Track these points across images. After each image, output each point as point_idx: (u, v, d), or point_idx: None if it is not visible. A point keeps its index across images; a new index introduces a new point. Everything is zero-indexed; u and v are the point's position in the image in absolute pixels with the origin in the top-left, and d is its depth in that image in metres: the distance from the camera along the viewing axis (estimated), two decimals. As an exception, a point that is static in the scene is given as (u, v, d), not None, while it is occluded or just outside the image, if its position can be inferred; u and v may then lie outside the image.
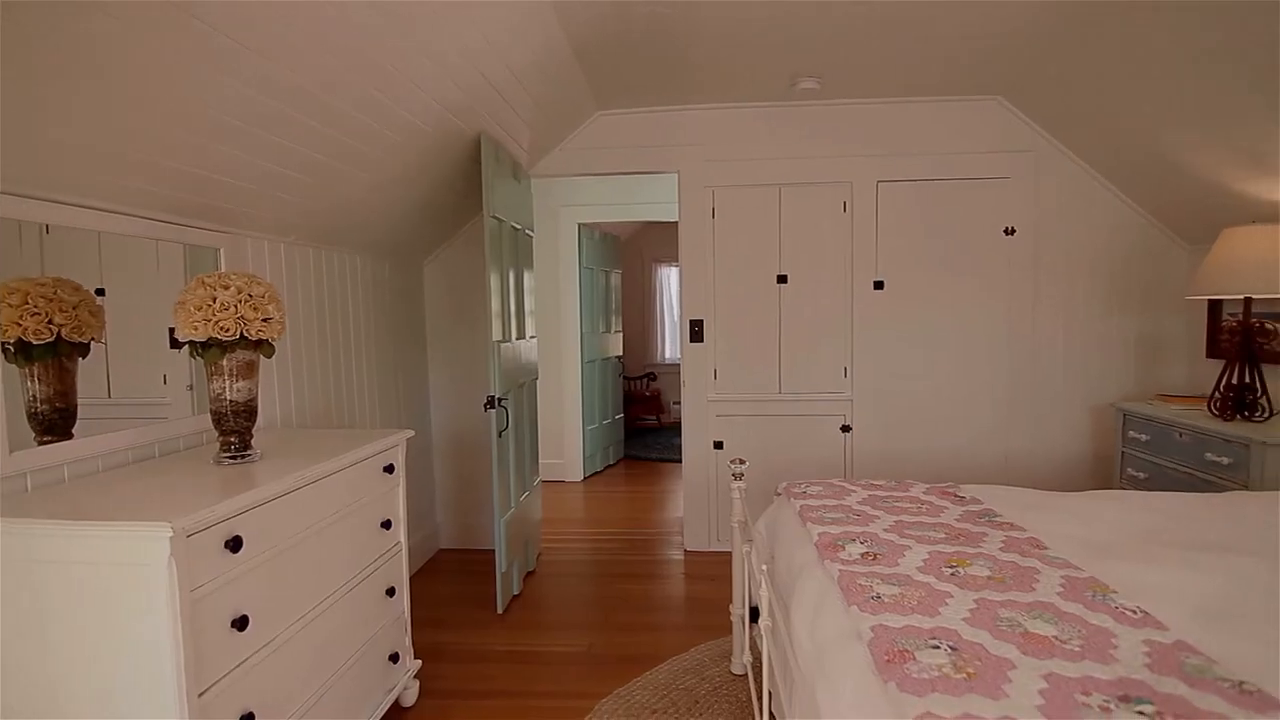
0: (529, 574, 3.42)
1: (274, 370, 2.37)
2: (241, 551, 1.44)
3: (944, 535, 1.74)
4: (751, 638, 2.29)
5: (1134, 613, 1.28)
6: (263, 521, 1.53)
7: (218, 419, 1.70)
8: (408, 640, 2.30)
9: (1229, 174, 2.81)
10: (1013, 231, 3.50)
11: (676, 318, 3.76)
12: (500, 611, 2.97)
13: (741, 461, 2.36)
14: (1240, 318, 2.81)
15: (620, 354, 6.12)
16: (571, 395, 5.26)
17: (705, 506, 3.71)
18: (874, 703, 1.07)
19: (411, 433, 2.28)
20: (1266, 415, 2.65)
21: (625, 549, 3.80)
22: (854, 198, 3.53)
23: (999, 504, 2.06)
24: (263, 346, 1.71)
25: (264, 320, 1.66)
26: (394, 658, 2.19)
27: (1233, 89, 2.41)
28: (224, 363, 1.67)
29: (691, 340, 3.65)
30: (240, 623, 1.44)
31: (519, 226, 3.28)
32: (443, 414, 3.75)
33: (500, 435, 2.93)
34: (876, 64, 2.99)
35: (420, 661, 2.39)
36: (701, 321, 3.63)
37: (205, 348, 1.64)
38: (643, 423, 7.43)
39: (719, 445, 3.68)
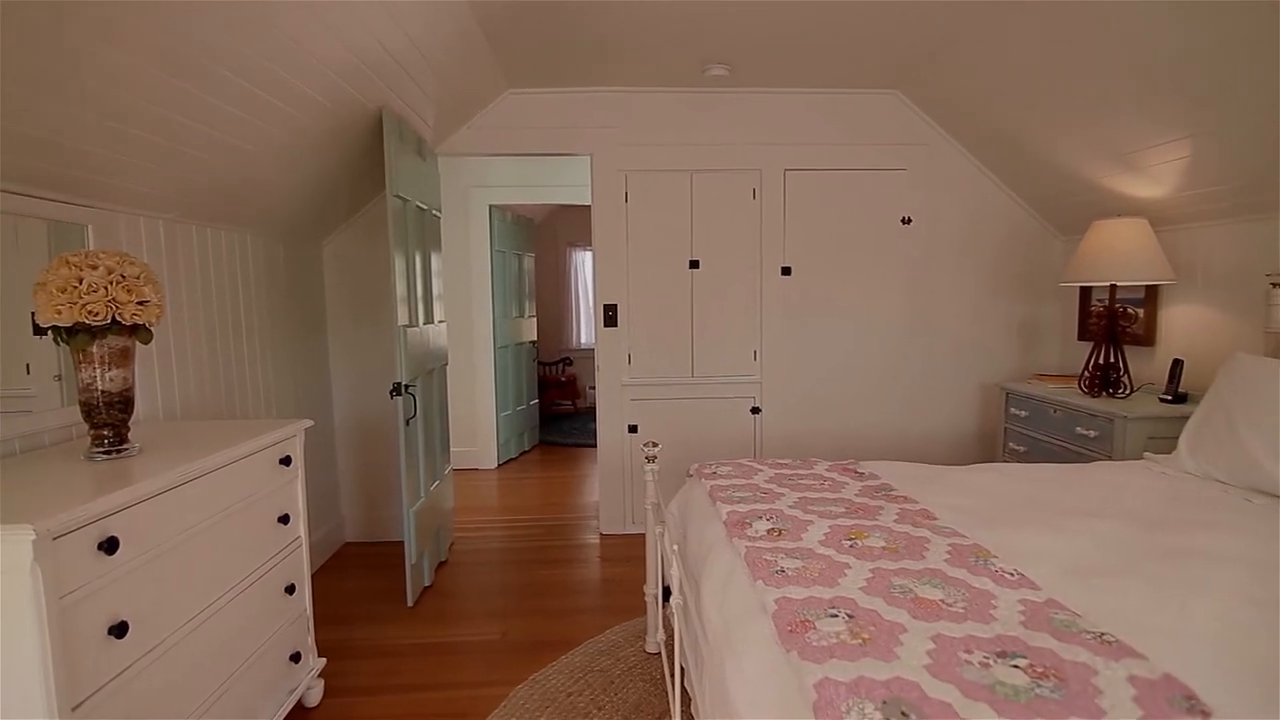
0: (441, 564, 3.35)
1: (154, 358, 2.20)
2: (118, 553, 1.34)
3: (844, 510, 1.83)
4: (665, 616, 2.34)
5: (1011, 575, 1.39)
6: (142, 520, 1.42)
7: (88, 411, 1.56)
8: (310, 639, 2.21)
9: (1098, 171, 3.05)
10: (909, 221, 3.68)
11: (591, 302, 3.75)
12: (411, 604, 2.90)
13: (655, 444, 2.39)
14: (1106, 303, 3.07)
15: (534, 339, 6.04)
16: (484, 381, 5.16)
17: (620, 490, 3.74)
18: (777, 671, 1.12)
19: (310, 423, 2.17)
20: (1128, 392, 2.92)
21: (541, 535, 3.78)
22: (763, 185, 3.61)
23: (895, 479, 2.18)
24: (139, 332, 1.58)
25: (139, 303, 1.53)
26: (295, 657, 2.10)
27: (1101, 92, 2.62)
28: (94, 350, 1.53)
29: (606, 325, 3.65)
30: (119, 629, 1.34)
31: (425, 207, 3.17)
32: (346, 402, 3.60)
33: (408, 423, 2.84)
34: (782, 55, 3.06)
35: (325, 660, 2.30)
36: (615, 306, 3.64)
37: (71, 334, 1.50)
38: (558, 408, 7.39)
39: (634, 429, 3.70)
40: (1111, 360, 2.93)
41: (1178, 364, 2.79)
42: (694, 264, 3.65)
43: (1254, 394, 2.08)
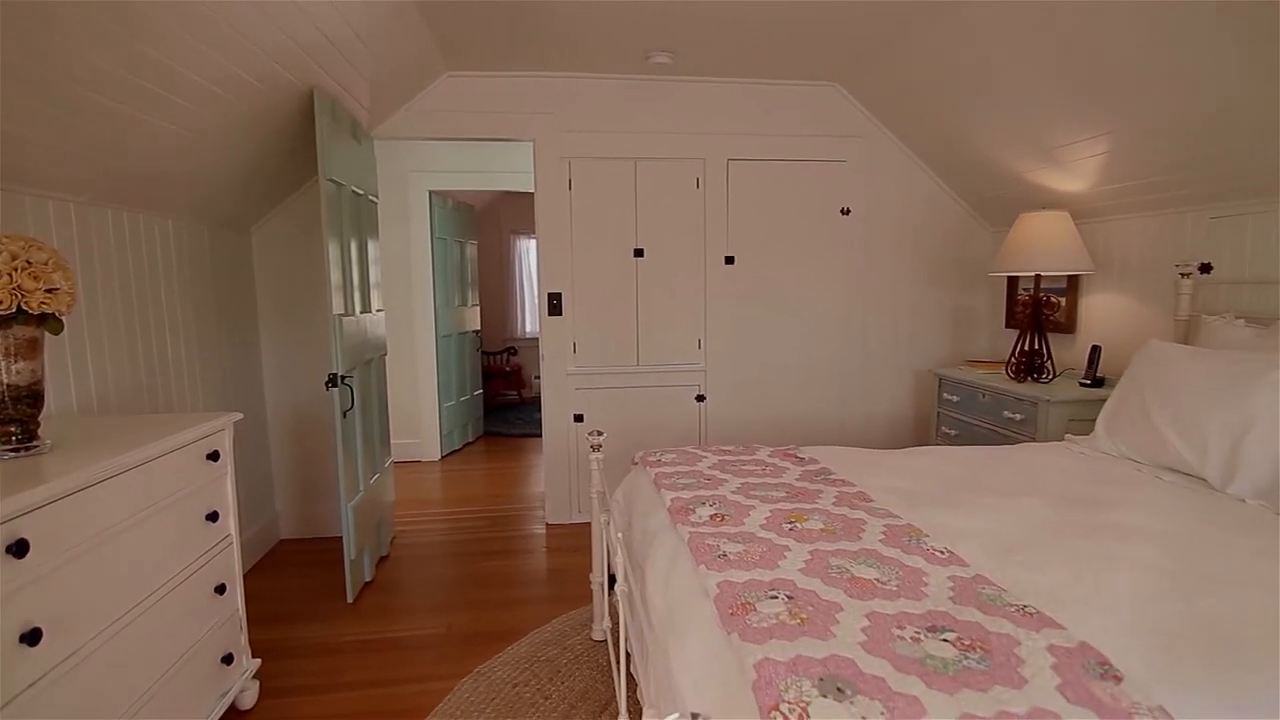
0: (382, 559, 3.28)
1: (67, 350, 2.07)
2: (28, 557, 1.26)
3: (785, 494, 1.87)
4: (611, 604, 2.35)
5: (942, 553, 1.45)
6: (54, 521, 1.34)
7: (-9, 406, 1.46)
8: (243, 639, 2.13)
9: (1025, 165, 3.18)
10: (848, 212, 3.77)
11: (536, 291, 3.71)
12: (351, 600, 2.83)
13: (600, 433, 2.39)
14: (1031, 292, 3.21)
15: (478, 328, 5.95)
16: (426, 371, 5.05)
17: (566, 479, 3.72)
18: (719, 654, 1.14)
19: (239, 415, 2.09)
20: (1051, 377, 3.06)
21: (485, 526, 3.74)
22: (706, 174, 3.63)
23: (834, 463, 2.24)
24: (48, 322, 1.49)
25: (48, 291, 1.44)
26: (228, 659, 2.02)
27: (1027, 90, 2.72)
28: (-3, 341, 1.43)
29: (550, 314, 3.62)
30: (31, 637, 1.26)
31: (361, 191, 3.07)
32: (280, 394, 3.47)
33: (345, 415, 2.76)
34: (725, 44, 3.08)
35: (259, 660, 2.23)
36: (560, 295, 3.61)
37: (-30, 323, 1.40)
38: (503, 398, 7.31)
39: (579, 418, 3.69)
40: (1036, 347, 3.07)
41: (1096, 350, 2.94)
42: (639, 252, 3.65)
43: (1164, 378, 2.22)
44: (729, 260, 3.71)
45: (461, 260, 5.58)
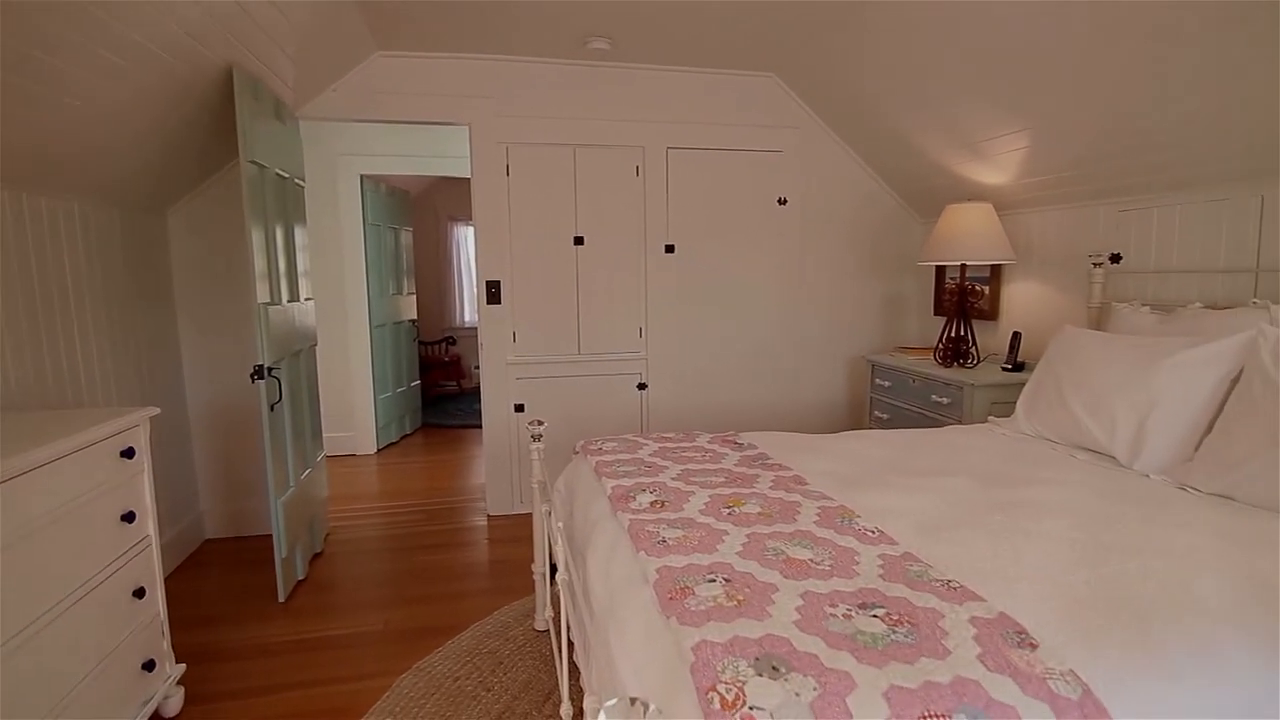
0: (316, 556, 3.18)
1: (-41, 341, 1.92)
2: (-85, 565, 1.16)
3: (723, 479, 1.90)
4: (553, 593, 2.34)
5: (873, 533, 1.50)
6: (-54, 526, 1.24)
7: None
8: (166, 644, 2.04)
9: (952, 158, 3.30)
10: (785, 202, 3.83)
11: (475, 279, 3.64)
12: (283, 600, 2.74)
13: (540, 423, 2.37)
14: (958, 281, 3.34)
15: (414, 317, 5.80)
16: (360, 362, 4.90)
17: (507, 470, 3.69)
18: (658, 638, 1.15)
19: (156, 410, 1.98)
20: (976, 362, 3.20)
21: (424, 520, 3.67)
22: (646, 162, 3.63)
23: (771, 448, 2.28)
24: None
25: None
26: (149, 665, 1.93)
27: (953, 85, 2.82)
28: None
29: (489, 302, 3.56)
30: (-80, 652, 1.17)
31: (286, 174, 2.94)
32: (202, 387, 3.31)
33: (273, 408, 2.65)
34: (662, 31, 3.07)
35: (184, 666, 2.13)
36: (499, 283, 3.55)
37: None
38: (442, 389, 7.16)
39: (520, 408, 3.66)
40: (962, 333, 3.19)
41: (1017, 336, 3.09)
42: (579, 240, 3.62)
43: (1077, 362, 2.34)
44: (669, 249, 3.72)
45: (396, 247, 5.42)
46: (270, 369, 2.60)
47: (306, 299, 3.21)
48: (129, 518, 1.85)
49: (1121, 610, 1.19)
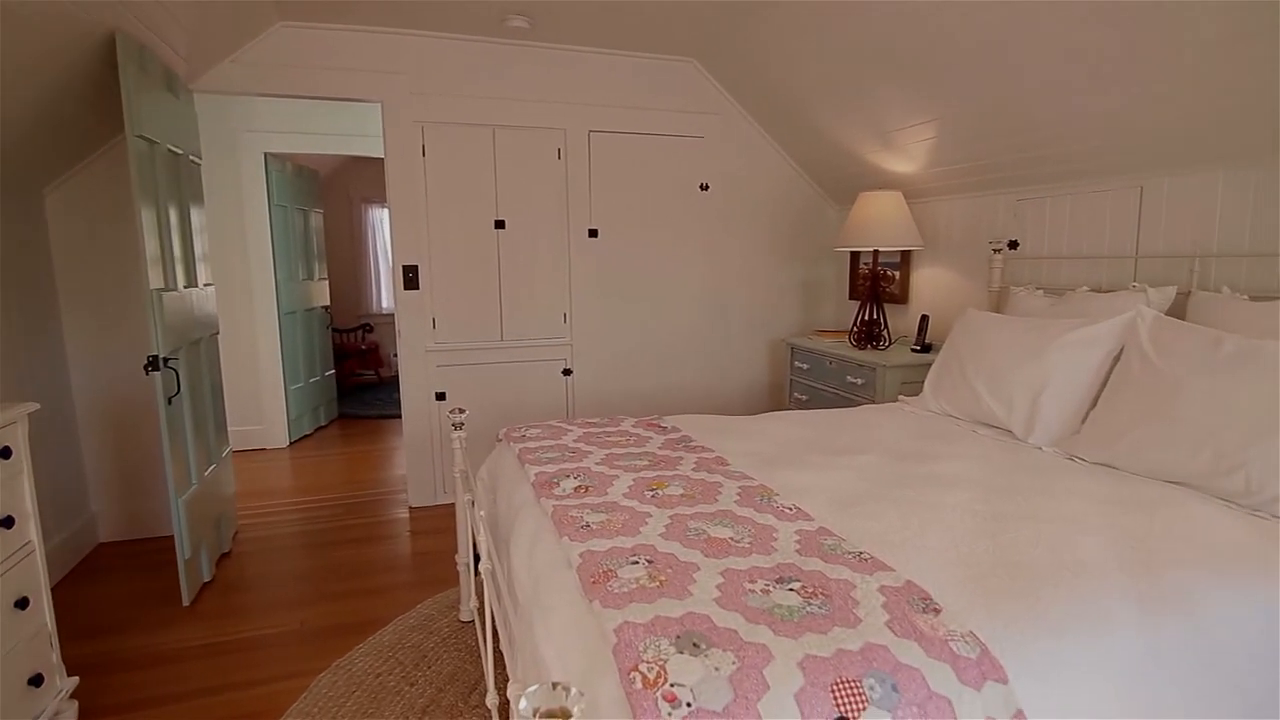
0: (224, 556, 3.02)
1: None
2: None
3: (647, 463, 1.91)
4: (478, 584, 2.31)
5: (790, 509, 1.55)
6: None
7: None
8: (56, 656, 1.89)
9: (865, 147, 3.41)
10: (707, 187, 3.87)
11: (391, 264, 3.51)
12: (188, 603, 2.59)
13: (461, 411, 2.32)
14: (871, 266, 3.47)
15: (327, 304, 5.56)
16: (268, 351, 4.66)
17: (429, 460, 3.60)
18: (582, 622, 1.15)
19: (35, 406, 1.82)
20: (888, 344, 3.34)
21: (342, 514, 3.54)
22: (568, 145, 3.59)
23: (694, 430, 2.32)
24: None
25: None
26: (36, 680, 1.79)
27: (866, 76, 2.91)
28: None
29: (406, 288, 3.45)
30: None
31: (180, 151, 2.75)
32: (90, 380, 3.07)
33: (170, 402, 2.49)
34: (581, 11, 3.03)
35: (77, 679, 1.99)
36: (416, 267, 3.44)
37: None
38: (359, 378, 6.92)
39: (441, 396, 3.57)
40: (874, 317, 3.32)
41: (925, 319, 3.24)
42: (499, 224, 3.55)
43: (978, 343, 2.48)
44: (593, 233, 3.70)
45: (305, 230, 5.16)
46: (166, 359, 2.44)
47: (206, 284, 3.02)
48: (7, 523, 1.70)
49: (1016, 574, 1.28)
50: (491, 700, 1.57)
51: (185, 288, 2.72)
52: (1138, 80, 2.09)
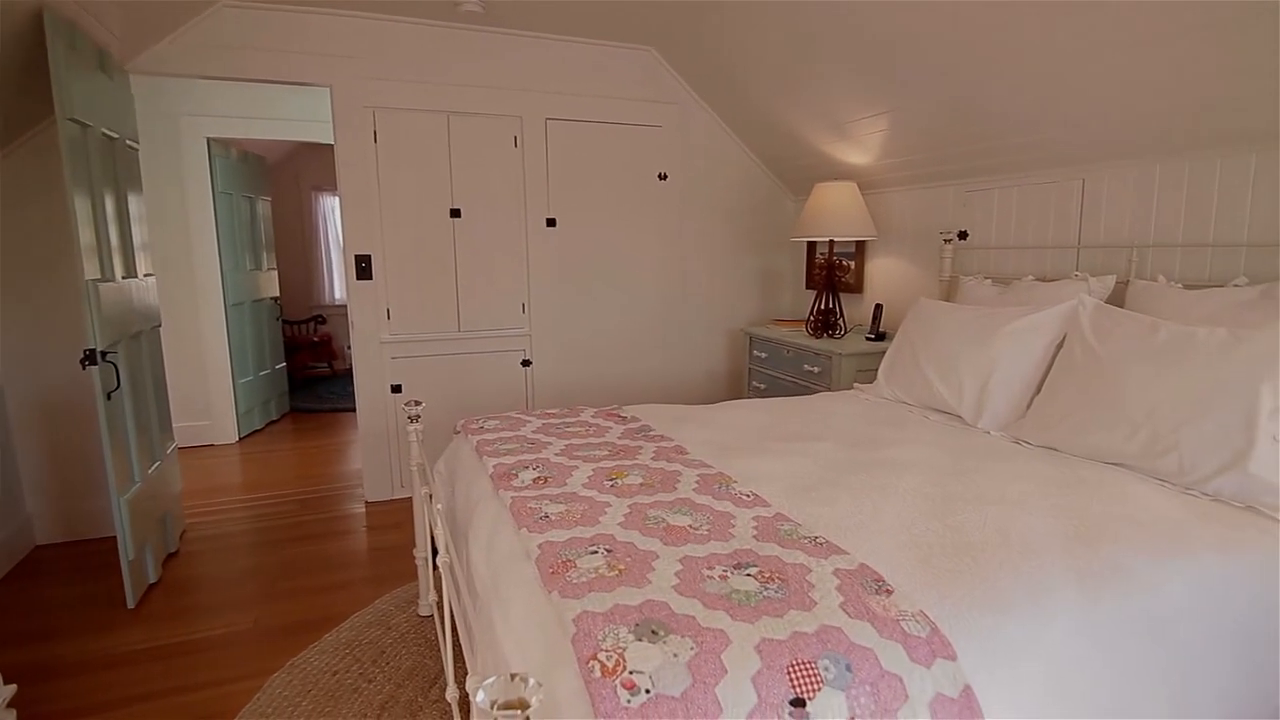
0: (170, 556, 2.92)
1: None
2: None
3: (607, 452, 1.91)
4: (437, 577, 2.28)
5: (748, 496, 1.57)
6: None
7: None
8: (-12, 664, 1.81)
9: (820, 138, 3.45)
10: (665, 177, 3.87)
11: (344, 253, 3.42)
12: (133, 606, 2.50)
13: (417, 403, 2.28)
14: (826, 256, 3.52)
15: (277, 295, 5.40)
16: (215, 344, 4.51)
17: (385, 454, 3.54)
18: (540, 613, 1.15)
19: (-39, 403, 1.73)
20: (844, 333, 3.40)
21: (296, 510, 3.46)
22: (524, 133, 3.54)
23: (654, 420, 2.33)
24: None
25: None
26: (-35, 690, 1.71)
27: (822, 66, 2.93)
28: None
29: (359, 278, 3.37)
30: None
31: (115, 135, 2.63)
32: (22, 376, 2.93)
33: (110, 397, 2.39)
34: (540, -3, 2.99)
35: (14, 687, 1.89)
36: (369, 257, 3.36)
37: None
38: (312, 371, 6.75)
39: (397, 389, 3.51)
40: (830, 306, 3.38)
41: (879, 308, 3.30)
42: (455, 213, 3.49)
43: (930, 331, 2.54)
44: (551, 223, 3.67)
45: (252, 219, 4.99)
46: (105, 353, 2.34)
47: (146, 275, 2.90)
48: (-70, 527, 1.61)
49: (965, 555, 1.32)
50: (451, 694, 1.56)
51: (124, 278, 2.61)
52: (1080, 76, 2.16)
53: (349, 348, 5.19)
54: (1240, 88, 1.87)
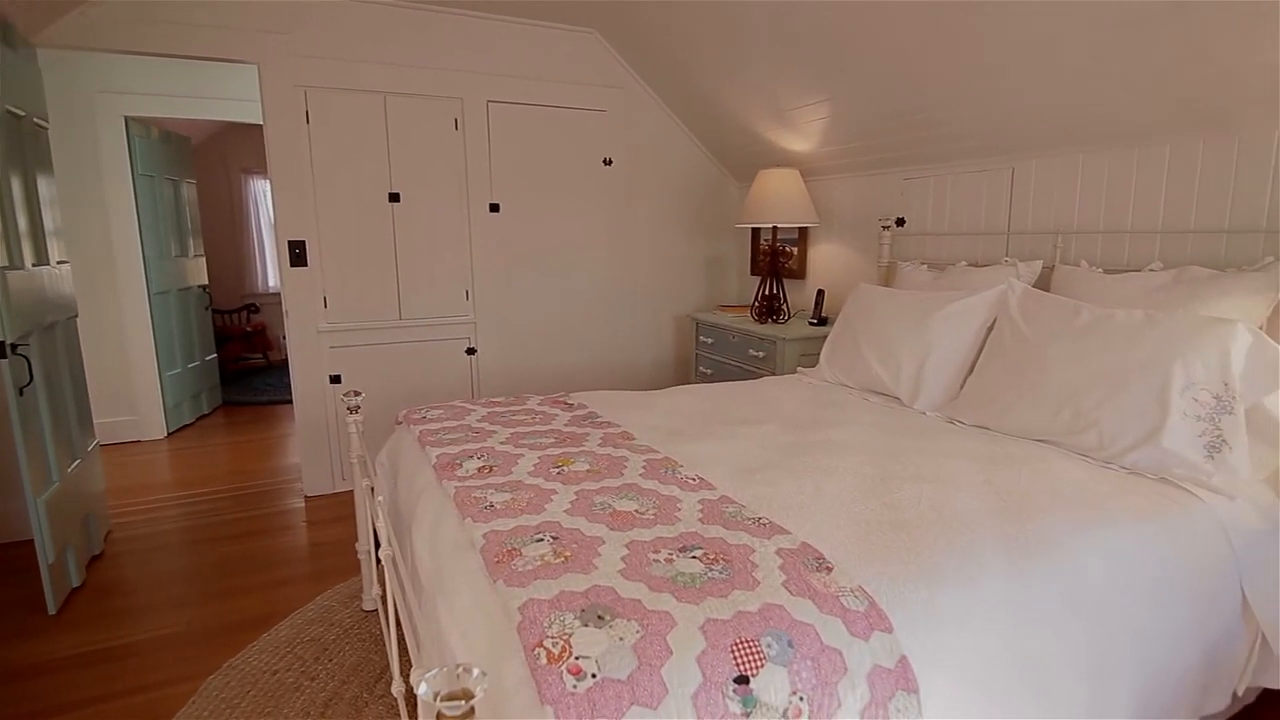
0: (95, 558, 2.78)
1: None
2: None
3: (553, 440, 1.90)
4: (380, 571, 2.23)
5: (693, 480, 1.58)
6: None
7: None
8: (-112, 680, 1.69)
9: (763, 125, 3.48)
10: (610, 162, 3.84)
11: (276, 239, 3.28)
12: (54, 611, 2.37)
13: (357, 394, 2.22)
14: (770, 242, 3.56)
15: (205, 283, 5.16)
16: (138, 335, 4.29)
17: (325, 446, 3.44)
18: (485, 603, 1.14)
19: None
20: (787, 318, 3.45)
21: (230, 507, 3.33)
22: (465, 115, 3.46)
23: (601, 406, 2.32)
24: None
25: None
26: None
27: (762, 53, 2.95)
28: None
29: (293, 265, 3.24)
30: None
31: (21, 112, 2.45)
32: (-79, 372, 2.72)
33: (21, 393, 2.25)
34: (479, -24, 2.91)
35: (-82, 702, 1.79)
36: (303, 243, 3.24)
37: None
38: (246, 362, 6.50)
39: (336, 379, 3.40)
40: (774, 292, 3.43)
41: (821, 293, 3.37)
42: (394, 197, 3.39)
43: (869, 315, 2.61)
44: (494, 208, 3.60)
45: (177, 202, 4.75)
46: (15, 345, 2.20)
47: (60, 262, 2.73)
48: None
49: (901, 531, 1.36)
50: (397, 688, 1.53)
51: (35, 266, 2.45)
52: (1009, 68, 2.23)
53: (284, 337, 5.02)
54: (1152, 84, 1.97)
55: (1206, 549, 1.48)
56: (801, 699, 0.99)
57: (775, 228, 3.48)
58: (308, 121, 3.17)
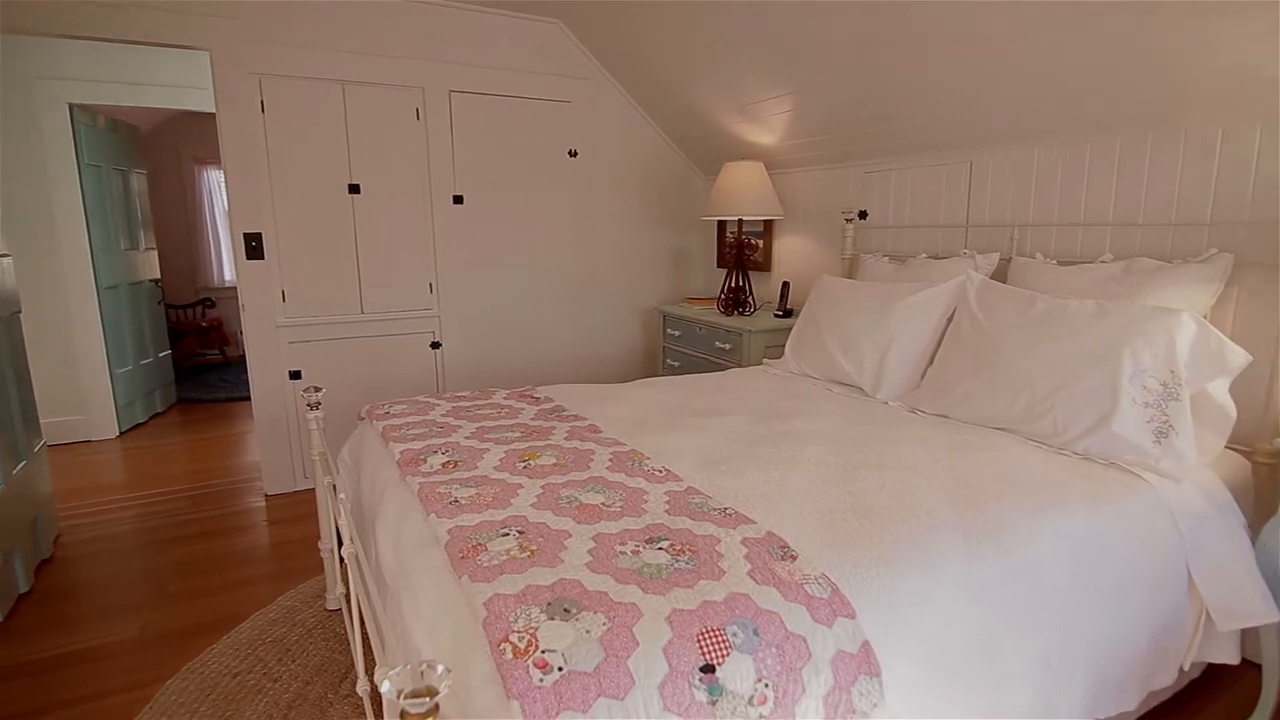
0: (44, 563, 2.68)
1: None
2: None
3: (519, 434, 1.89)
4: (343, 569, 2.19)
5: (660, 472, 1.59)
6: None
7: None
8: None
9: (727, 118, 3.49)
10: (575, 154, 3.82)
11: (231, 231, 3.19)
12: (1, 619, 2.28)
13: (317, 389, 2.18)
14: (736, 235, 3.58)
15: (157, 277, 4.99)
16: (86, 331, 4.13)
17: (285, 444, 3.36)
18: (450, 599, 1.13)
19: None
20: (753, 310, 3.48)
21: (187, 507, 3.24)
22: (427, 105, 3.40)
23: (568, 400, 2.31)
24: None
25: None
26: None
27: (725, 46, 2.96)
28: None
29: (249, 257, 3.16)
30: None
31: (-45, 100, 2.34)
32: None
33: (-39, 391, 2.15)
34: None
35: None
36: (260, 235, 3.16)
37: None
38: (201, 358, 6.31)
39: (296, 375, 3.33)
40: (740, 284, 3.45)
41: (786, 285, 3.40)
42: (354, 188, 3.32)
43: (832, 307, 2.64)
44: (458, 200, 3.55)
45: (125, 194, 4.58)
46: (-49, 343, 2.10)
47: (1, 255, 2.62)
48: None
49: (864, 519, 1.38)
50: (362, 688, 1.51)
51: (-29, 259, 2.35)
52: (969, 62, 2.27)
53: (241, 332, 4.90)
54: (1104, 79, 2.02)
55: (1155, 530, 1.53)
56: (767, 686, 1.00)
57: (741, 220, 3.50)
58: (263, 110, 3.08)
